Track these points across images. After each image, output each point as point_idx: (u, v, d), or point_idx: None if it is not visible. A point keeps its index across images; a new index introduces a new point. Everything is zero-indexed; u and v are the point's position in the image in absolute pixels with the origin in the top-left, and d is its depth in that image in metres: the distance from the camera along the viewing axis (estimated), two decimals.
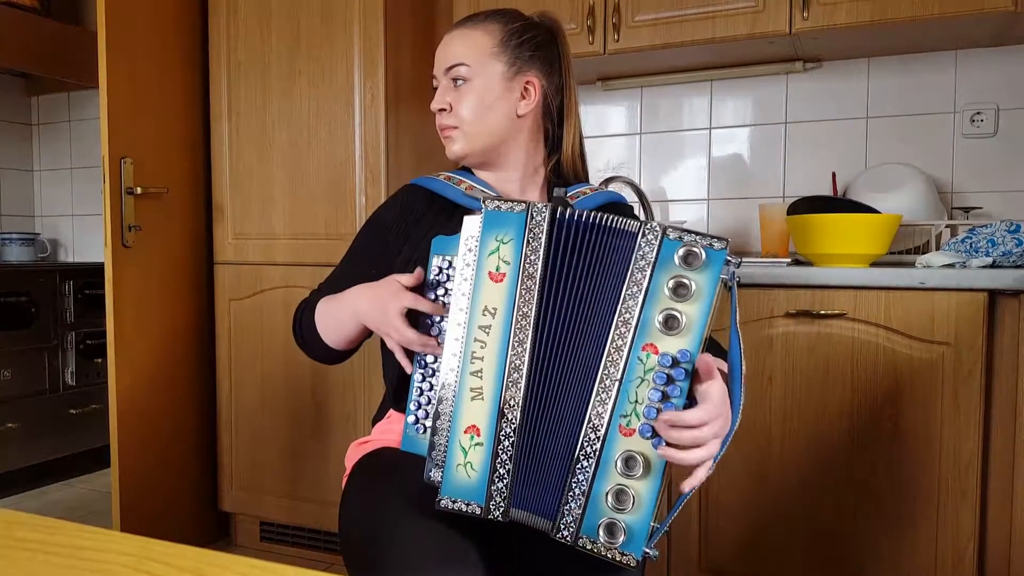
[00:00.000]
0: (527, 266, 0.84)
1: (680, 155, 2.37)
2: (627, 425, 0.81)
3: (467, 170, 1.21)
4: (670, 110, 2.37)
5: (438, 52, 1.15)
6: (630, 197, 2.31)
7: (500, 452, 0.83)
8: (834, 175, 2.14)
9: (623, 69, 2.29)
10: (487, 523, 0.91)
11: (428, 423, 0.90)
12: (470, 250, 0.87)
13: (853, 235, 1.66)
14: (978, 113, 2.04)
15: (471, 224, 0.87)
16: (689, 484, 0.82)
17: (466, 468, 0.84)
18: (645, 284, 0.81)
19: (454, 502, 0.84)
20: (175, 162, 2.19)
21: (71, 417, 3.01)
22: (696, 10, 1.96)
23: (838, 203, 1.88)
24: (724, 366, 0.90)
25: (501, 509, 0.83)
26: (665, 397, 0.80)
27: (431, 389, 0.92)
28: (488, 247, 0.86)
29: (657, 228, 0.82)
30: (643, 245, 0.82)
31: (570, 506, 0.82)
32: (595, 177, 2.40)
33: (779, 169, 2.26)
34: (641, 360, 0.81)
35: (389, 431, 1.13)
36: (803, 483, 1.67)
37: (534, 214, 0.85)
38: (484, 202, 0.87)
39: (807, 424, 1.66)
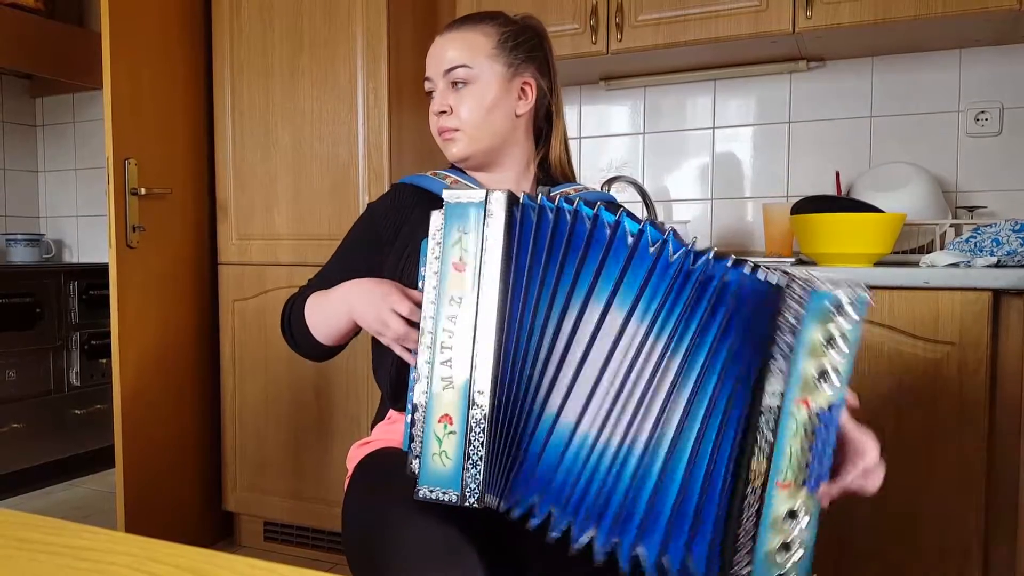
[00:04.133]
0: (485, 254, 0.85)
1: (683, 155, 2.37)
2: (783, 480, 0.81)
3: (459, 169, 1.22)
4: (673, 110, 2.37)
5: (432, 54, 1.16)
6: (633, 197, 2.30)
7: (472, 439, 0.84)
8: (838, 174, 2.13)
9: (626, 69, 2.29)
10: (488, 520, 0.91)
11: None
12: (437, 243, 0.88)
13: (857, 235, 1.65)
14: (982, 112, 2.04)
15: (436, 217, 0.89)
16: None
17: (441, 457, 0.84)
18: (796, 344, 0.79)
19: (431, 491, 0.84)
20: (179, 163, 2.19)
21: (75, 417, 3.01)
22: (699, 9, 1.96)
23: (842, 202, 1.88)
24: None
25: (476, 496, 0.83)
26: (823, 447, 0.80)
27: None
28: (451, 238, 0.87)
29: (807, 284, 0.80)
30: (788, 300, 0.80)
31: (730, 563, 0.81)
32: (598, 176, 2.40)
33: (782, 169, 2.25)
34: (794, 415, 0.80)
35: (390, 431, 1.13)
36: None
37: (491, 201, 0.86)
38: (443, 193, 0.88)
39: None
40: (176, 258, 2.19)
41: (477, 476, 0.83)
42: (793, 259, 1.87)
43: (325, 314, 1.10)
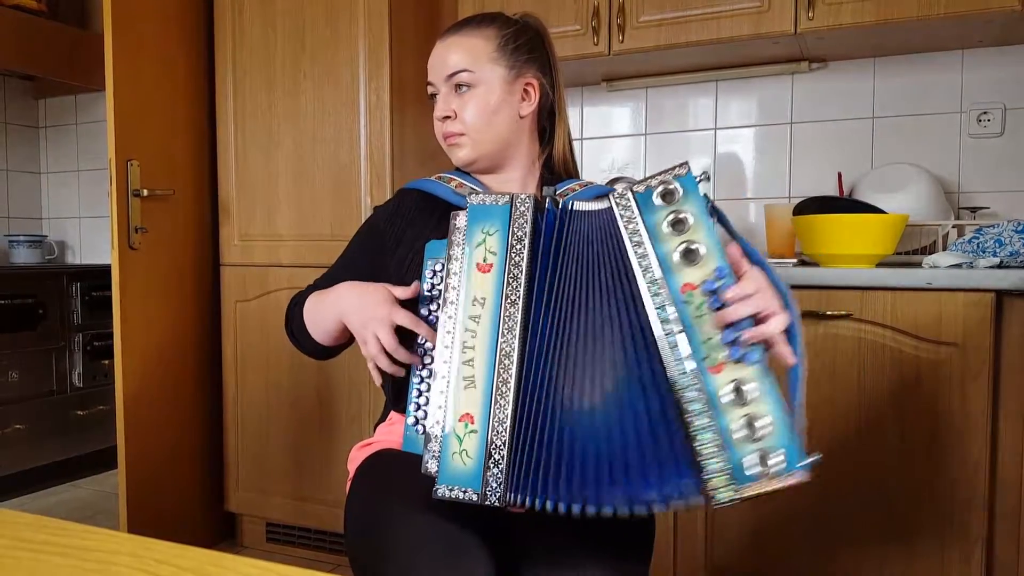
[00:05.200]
0: (513, 255, 0.86)
1: (685, 155, 2.37)
2: (713, 363, 0.82)
3: (464, 172, 1.22)
4: (675, 111, 2.37)
5: (434, 59, 1.16)
6: None
7: (494, 438, 0.84)
8: (840, 175, 2.13)
9: (628, 70, 2.29)
10: (491, 520, 0.91)
11: (427, 421, 0.91)
12: (458, 244, 0.89)
13: (859, 235, 1.65)
14: (984, 113, 2.04)
15: (458, 219, 0.90)
16: (784, 353, 0.84)
17: (462, 456, 0.84)
18: (646, 238, 0.84)
19: (451, 490, 0.84)
20: (181, 164, 2.20)
21: (78, 418, 3.02)
22: (701, 10, 1.96)
23: (844, 203, 1.88)
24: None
25: (497, 495, 0.84)
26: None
27: (429, 390, 0.93)
28: (475, 239, 0.88)
29: (625, 190, 0.85)
30: (623, 209, 0.85)
31: (709, 471, 0.80)
32: (600, 178, 2.40)
33: (785, 169, 2.25)
34: (688, 301, 0.82)
35: (391, 433, 1.13)
36: (809, 484, 1.66)
37: (518, 204, 0.88)
38: (468, 197, 0.90)
39: (813, 425, 1.64)
40: (178, 259, 2.19)
41: (499, 475, 0.83)
42: (795, 260, 1.87)
43: (319, 315, 1.11)
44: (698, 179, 0.84)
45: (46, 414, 2.91)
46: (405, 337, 0.97)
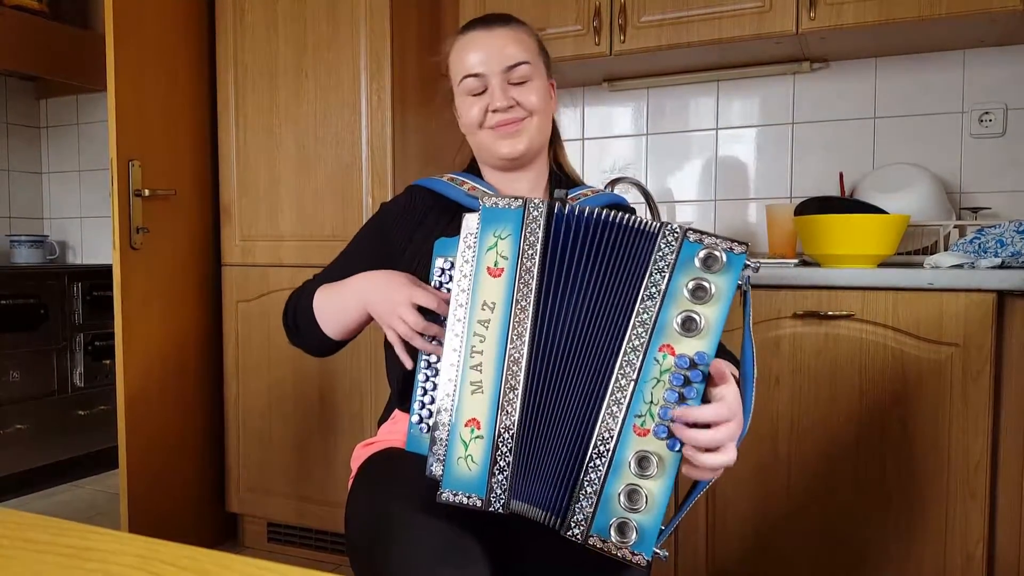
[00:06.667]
0: (524, 260, 0.85)
1: (686, 156, 2.37)
2: (641, 425, 0.81)
3: (470, 172, 1.22)
4: (676, 111, 2.37)
5: (486, 50, 1.12)
6: (636, 198, 2.30)
7: (500, 444, 0.84)
8: (841, 175, 2.13)
9: (629, 70, 2.29)
10: (491, 521, 0.91)
11: (431, 422, 0.91)
12: (469, 247, 0.88)
13: (861, 236, 1.65)
14: (986, 113, 2.03)
15: (470, 221, 0.89)
16: (691, 472, 0.82)
17: (467, 461, 0.84)
18: (664, 285, 0.81)
19: (455, 495, 0.84)
20: (183, 164, 2.20)
21: (79, 418, 3.02)
22: (702, 10, 1.96)
23: (846, 203, 1.88)
24: (735, 370, 0.90)
25: (502, 501, 0.83)
26: (681, 398, 0.80)
27: (435, 389, 0.92)
28: (486, 243, 0.87)
29: (678, 230, 0.82)
30: (663, 246, 0.82)
31: (581, 504, 0.82)
32: (601, 178, 2.40)
33: (786, 170, 2.25)
34: (657, 361, 0.81)
35: (394, 432, 1.13)
36: (811, 485, 1.66)
37: (531, 209, 0.87)
38: (482, 199, 0.88)
39: (815, 426, 1.65)
40: (180, 259, 2.20)
41: (504, 482, 0.83)
42: (797, 260, 1.87)
43: (336, 306, 1.10)
44: (748, 265, 0.81)
45: (47, 414, 2.91)
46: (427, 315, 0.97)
